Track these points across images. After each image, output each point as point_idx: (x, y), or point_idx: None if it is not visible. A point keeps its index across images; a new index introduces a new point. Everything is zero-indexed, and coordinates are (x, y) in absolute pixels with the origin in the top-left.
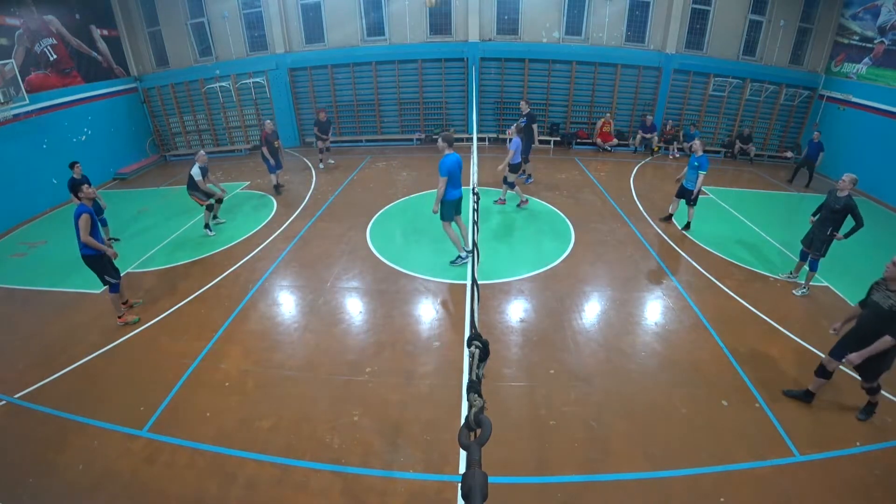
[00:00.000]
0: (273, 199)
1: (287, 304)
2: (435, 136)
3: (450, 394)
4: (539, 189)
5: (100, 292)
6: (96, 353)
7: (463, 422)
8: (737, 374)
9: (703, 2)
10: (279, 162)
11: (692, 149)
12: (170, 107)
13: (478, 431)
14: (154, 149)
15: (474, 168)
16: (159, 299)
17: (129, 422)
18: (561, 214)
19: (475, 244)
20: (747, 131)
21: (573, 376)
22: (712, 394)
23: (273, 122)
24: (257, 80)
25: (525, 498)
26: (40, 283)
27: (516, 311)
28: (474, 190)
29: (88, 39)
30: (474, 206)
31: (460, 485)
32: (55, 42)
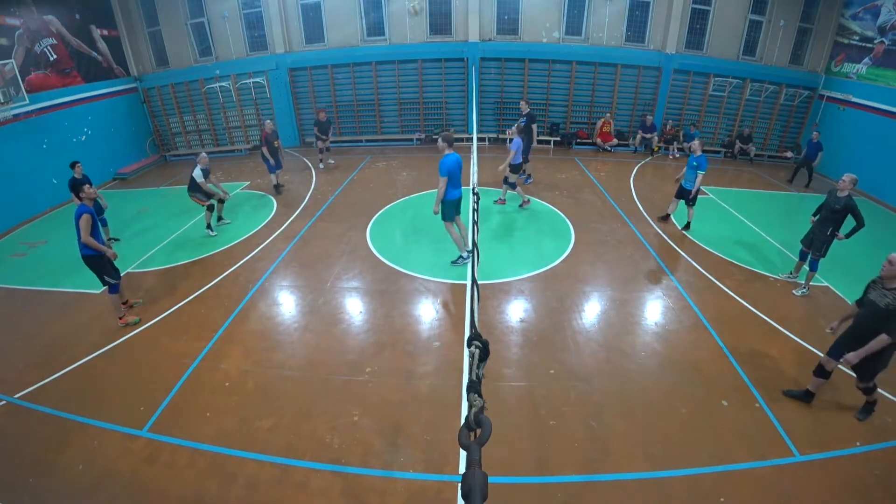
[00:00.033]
0: (273, 199)
1: (287, 304)
2: (435, 136)
3: (450, 394)
4: (539, 189)
5: (100, 292)
6: (96, 353)
7: (463, 422)
8: (737, 374)
9: (703, 2)
10: (279, 162)
11: (691, 149)
12: (170, 107)
13: (478, 431)
14: (154, 149)
15: (474, 168)
16: (159, 299)
17: (129, 422)
18: (561, 214)
19: (475, 244)
20: (747, 131)
21: (573, 376)
22: (712, 394)
23: (273, 122)
24: (257, 80)
25: (525, 498)
26: (40, 283)
27: (516, 311)
28: (474, 190)
29: (88, 39)
30: (474, 207)
31: (460, 485)
32: (55, 42)
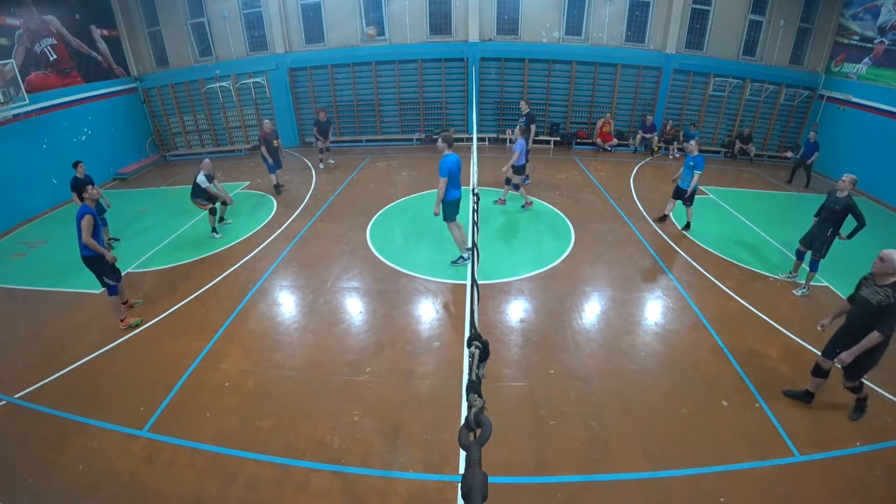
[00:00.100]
0: (273, 199)
1: (287, 304)
2: (435, 136)
3: (450, 394)
4: (539, 189)
5: (100, 293)
6: (96, 353)
7: (463, 422)
8: (737, 374)
9: (703, 2)
10: (278, 161)
11: (688, 149)
12: (170, 107)
13: (478, 431)
14: (154, 149)
15: (474, 168)
16: (159, 299)
17: (129, 422)
18: (561, 214)
19: (475, 244)
20: (747, 131)
21: (573, 376)
22: (712, 394)
23: (272, 121)
24: (257, 80)
25: (525, 498)
26: (40, 283)
27: (516, 311)
28: (474, 190)
29: (88, 39)
30: (474, 207)
31: (460, 485)
32: (55, 42)
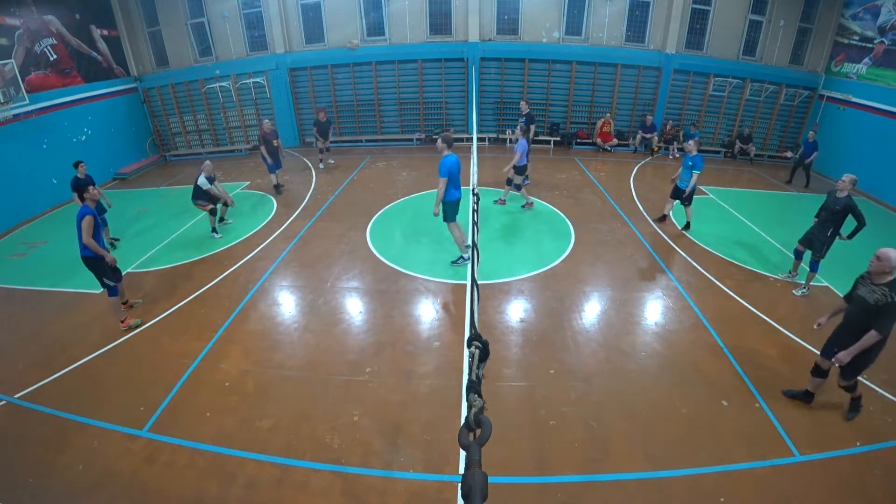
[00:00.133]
0: (273, 199)
1: (287, 304)
2: (435, 136)
3: (450, 394)
4: (539, 189)
5: (100, 293)
6: (96, 353)
7: (463, 422)
8: (737, 374)
9: (703, 2)
10: (278, 161)
11: (687, 149)
12: (170, 107)
13: (478, 431)
14: (154, 149)
15: (474, 168)
16: (159, 299)
17: (129, 422)
18: (561, 214)
19: (475, 244)
20: (747, 131)
21: (573, 376)
22: (712, 394)
23: (272, 121)
24: (257, 80)
25: (525, 498)
26: (40, 283)
27: (516, 311)
28: (474, 190)
29: (88, 39)
30: (474, 207)
31: (460, 485)
32: (55, 42)
